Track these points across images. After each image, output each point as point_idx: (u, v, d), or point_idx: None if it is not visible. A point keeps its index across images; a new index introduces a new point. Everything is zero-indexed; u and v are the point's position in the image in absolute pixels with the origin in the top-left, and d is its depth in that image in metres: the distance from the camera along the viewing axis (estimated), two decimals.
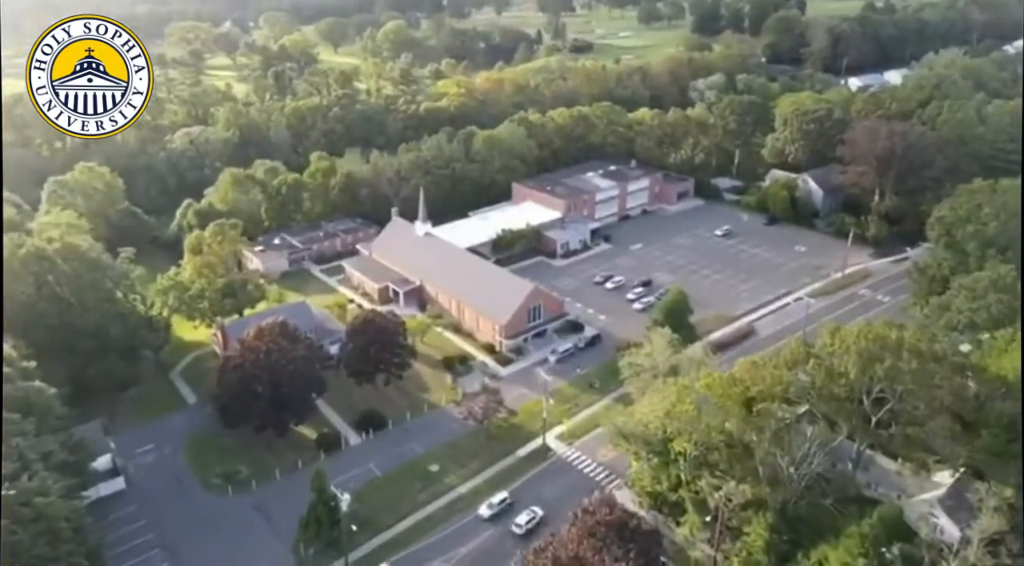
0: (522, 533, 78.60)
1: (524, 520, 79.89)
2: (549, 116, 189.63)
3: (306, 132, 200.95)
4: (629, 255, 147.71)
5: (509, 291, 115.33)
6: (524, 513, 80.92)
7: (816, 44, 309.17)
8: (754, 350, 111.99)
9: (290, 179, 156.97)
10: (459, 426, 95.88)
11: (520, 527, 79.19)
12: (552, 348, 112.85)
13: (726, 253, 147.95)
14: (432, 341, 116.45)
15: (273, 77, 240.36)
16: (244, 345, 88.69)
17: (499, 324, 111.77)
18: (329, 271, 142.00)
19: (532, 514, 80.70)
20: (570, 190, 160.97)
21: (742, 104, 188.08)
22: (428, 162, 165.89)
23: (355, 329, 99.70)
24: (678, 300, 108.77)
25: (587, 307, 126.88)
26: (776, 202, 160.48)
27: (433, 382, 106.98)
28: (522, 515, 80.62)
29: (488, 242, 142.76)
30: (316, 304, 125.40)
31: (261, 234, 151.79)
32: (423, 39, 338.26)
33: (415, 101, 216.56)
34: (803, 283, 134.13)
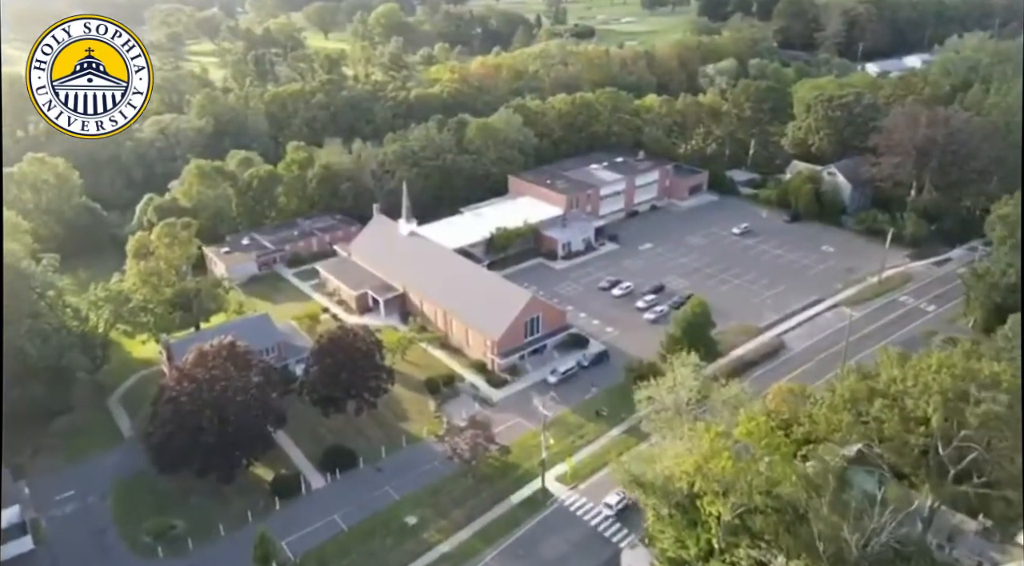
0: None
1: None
2: (549, 103, 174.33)
3: (287, 120, 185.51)
4: (637, 256, 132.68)
5: (503, 301, 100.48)
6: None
7: (830, 28, 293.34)
8: (786, 370, 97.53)
9: (263, 171, 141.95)
10: (443, 464, 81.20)
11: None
12: (552, 367, 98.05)
13: (746, 254, 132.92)
14: (415, 358, 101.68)
15: (253, 62, 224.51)
16: (182, 373, 73.74)
17: (491, 340, 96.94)
18: (303, 275, 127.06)
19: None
20: (572, 184, 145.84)
21: (759, 90, 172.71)
22: (416, 153, 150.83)
23: (322, 349, 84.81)
24: (698, 312, 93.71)
25: (591, 317, 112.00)
26: (799, 197, 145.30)
27: (414, 408, 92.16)
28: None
29: (481, 242, 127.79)
30: (285, 315, 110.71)
31: (231, 233, 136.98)
32: (417, 24, 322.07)
33: (405, 87, 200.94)
34: (835, 289, 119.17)
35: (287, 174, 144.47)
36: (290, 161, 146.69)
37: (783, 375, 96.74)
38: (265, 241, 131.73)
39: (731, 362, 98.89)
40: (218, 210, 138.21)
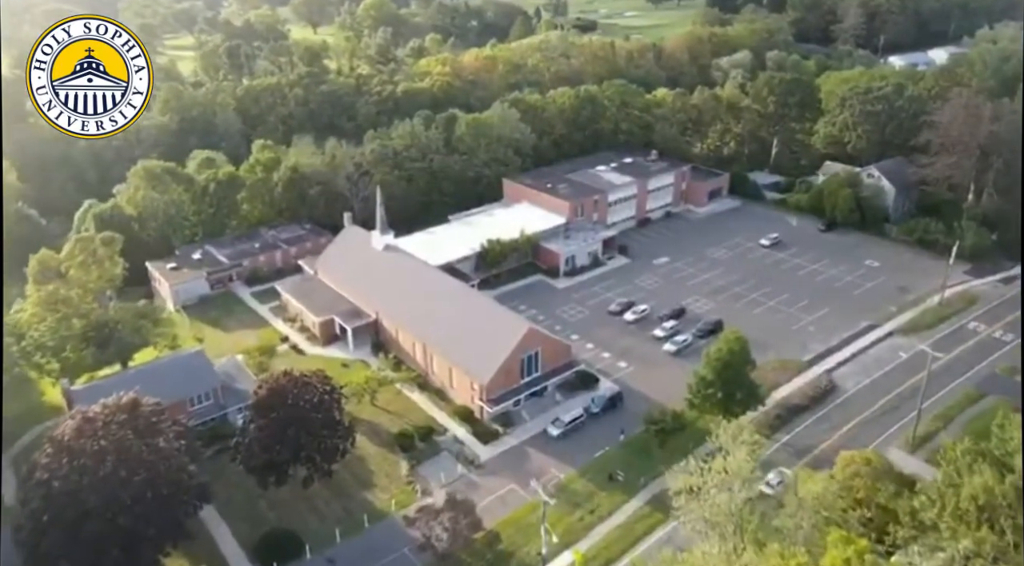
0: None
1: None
2: (550, 97, 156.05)
3: (261, 117, 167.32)
4: (652, 272, 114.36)
5: (495, 333, 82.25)
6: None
7: (849, 20, 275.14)
8: (842, 418, 79.64)
9: (221, 174, 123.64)
10: (414, 554, 63.03)
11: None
12: (555, 416, 79.83)
13: (778, 270, 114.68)
14: (387, 401, 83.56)
15: (226, 53, 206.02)
16: (60, 445, 55.35)
17: (479, 383, 78.64)
18: (264, 295, 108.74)
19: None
20: (576, 188, 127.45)
21: (783, 82, 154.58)
22: (398, 153, 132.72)
23: (261, 403, 66.51)
24: (735, 349, 75.20)
25: (601, 349, 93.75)
26: (836, 203, 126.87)
27: (381, 470, 73.91)
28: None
29: (470, 257, 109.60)
30: (234, 346, 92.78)
31: (188, 244, 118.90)
32: (409, 16, 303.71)
33: (392, 81, 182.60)
34: (888, 312, 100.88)
35: (250, 177, 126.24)
36: (254, 162, 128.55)
37: (839, 426, 78.70)
38: (220, 255, 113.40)
39: (774, 407, 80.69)
40: (169, 218, 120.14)
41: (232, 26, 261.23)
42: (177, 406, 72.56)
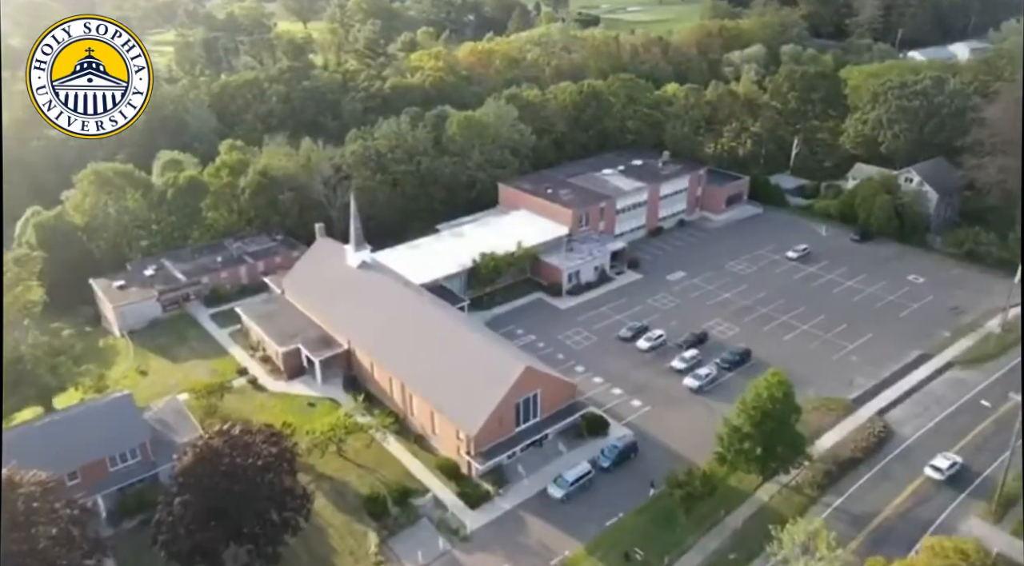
0: None
1: None
2: (551, 92, 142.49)
3: (238, 115, 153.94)
4: (667, 290, 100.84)
5: (486, 372, 68.74)
6: None
7: (865, 13, 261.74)
8: (906, 474, 66.54)
9: (182, 178, 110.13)
10: None
11: None
12: (557, 473, 66.33)
13: (809, 287, 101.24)
14: (357, 452, 70.10)
15: (204, 47, 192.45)
16: None
17: (467, 434, 65.10)
18: (224, 317, 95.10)
19: None
20: (580, 194, 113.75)
21: (806, 77, 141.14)
22: (382, 154, 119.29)
23: (188, 470, 53.00)
24: (776, 396, 61.53)
25: (610, 383, 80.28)
26: (872, 209, 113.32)
27: (345, 546, 60.40)
28: None
29: (460, 273, 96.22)
30: (182, 381, 79.67)
31: (148, 257, 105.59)
32: (403, 10, 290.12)
33: (380, 77, 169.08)
34: (941, 338, 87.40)
35: (215, 181, 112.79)
36: (220, 165, 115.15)
37: (902, 485, 65.35)
38: (176, 271, 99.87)
39: (820, 459, 67.19)
40: (122, 228, 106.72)
41: (215, 19, 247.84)
42: (93, 468, 59.47)
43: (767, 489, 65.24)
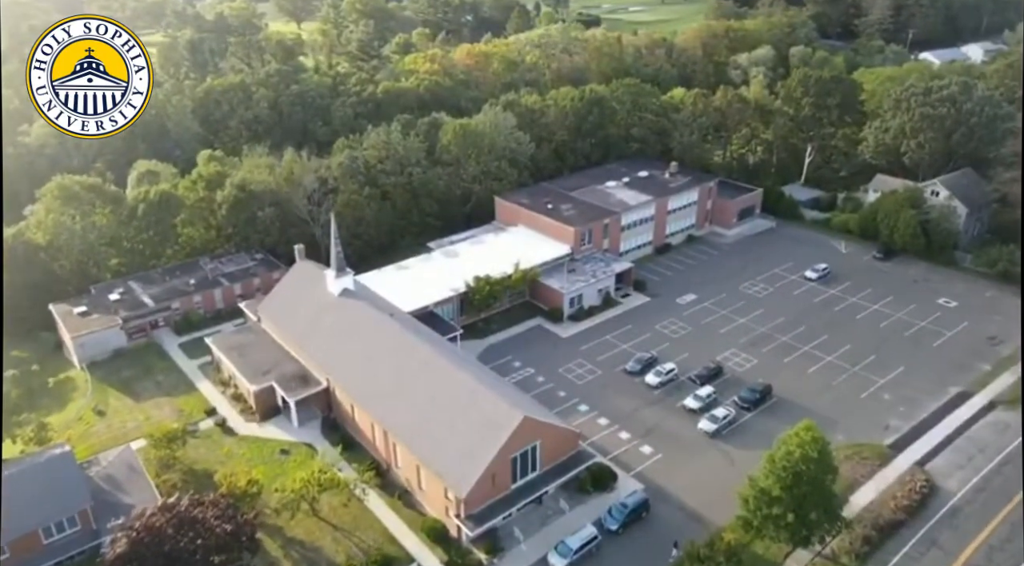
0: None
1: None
2: (550, 98, 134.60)
3: (223, 121, 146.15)
4: (676, 315, 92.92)
5: (479, 422, 60.76)
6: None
7: (875, 14, 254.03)
8: (955, 542, 57.99)
9: (154, 193, 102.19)
10: None
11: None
12: (559, 540, 58.40)
13: (831, 311, 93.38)
14: (333, 510, 62.19)
15: (188, 49, 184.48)
16: None
17: (457, 495, 57.16)
18: (196, 347, 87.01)
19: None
20: (583, 209, 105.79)
21: (821, 81, 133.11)
22: (371, 166, 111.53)
23: (122, 558, 45.07)
24: (809, 455, 53.52)
25: (617, 426, 72.41)
26: (896, 225, 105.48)
27: None
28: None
29: (453, 298, 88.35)
30: (142, 425, 71.76)
31: (117, 278, 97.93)
32: (399, 10, 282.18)
33: (373, 80, 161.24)
34: (981, 373, 79.56)
35: (190, 195, 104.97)
36: (196, 177, 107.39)
37: (953, 554, 57.32)
38: (145, 294, 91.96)
39: (857, 521, 59.24)
40: (88, 247, 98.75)
41: (204, 20, 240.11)
42: (25, 542, 51.50)
43: (798, 558, 57.38)
